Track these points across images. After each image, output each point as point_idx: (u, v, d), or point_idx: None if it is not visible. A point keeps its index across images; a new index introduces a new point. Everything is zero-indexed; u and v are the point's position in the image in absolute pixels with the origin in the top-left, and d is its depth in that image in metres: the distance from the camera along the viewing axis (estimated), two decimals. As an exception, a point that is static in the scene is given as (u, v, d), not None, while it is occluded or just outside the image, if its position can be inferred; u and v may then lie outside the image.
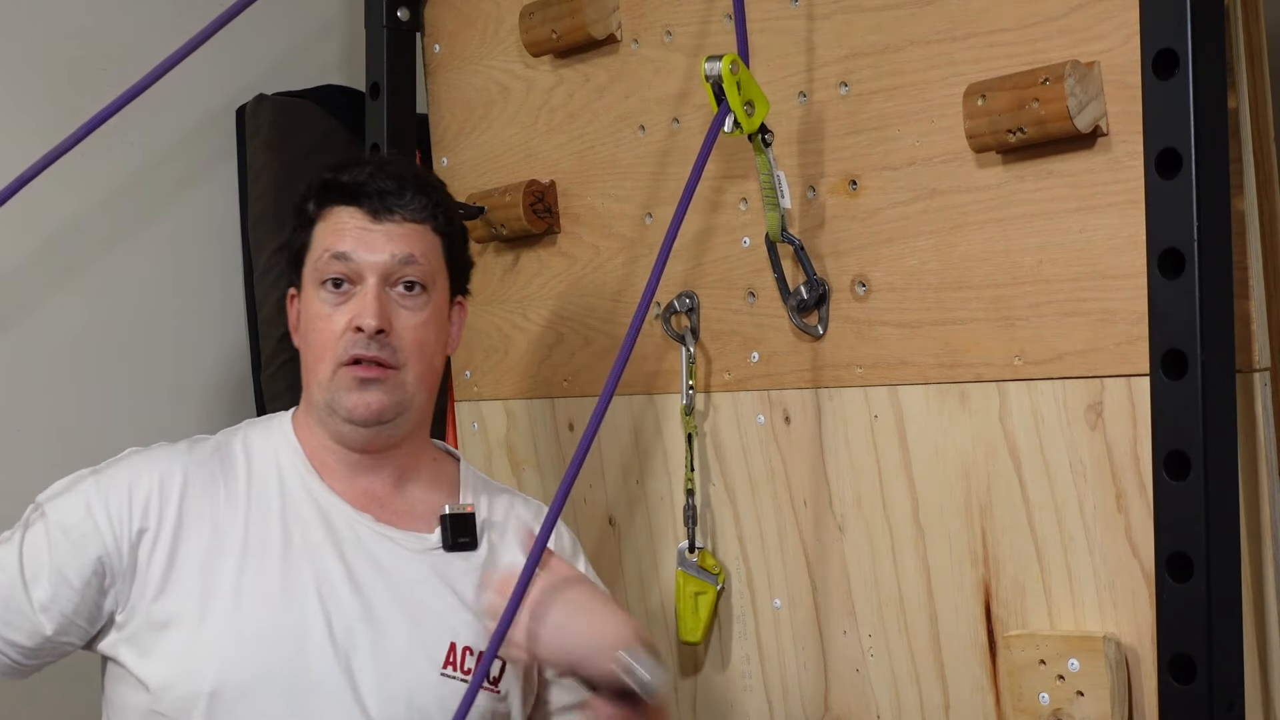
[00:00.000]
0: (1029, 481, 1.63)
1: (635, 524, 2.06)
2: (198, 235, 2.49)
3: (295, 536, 1.66)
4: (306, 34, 2.61)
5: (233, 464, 1.71)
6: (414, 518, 1.72)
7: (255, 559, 1.64)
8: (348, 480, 1.71)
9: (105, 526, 1.63)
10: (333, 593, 1.64)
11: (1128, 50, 1.51)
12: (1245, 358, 1.51)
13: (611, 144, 2.06)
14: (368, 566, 1.67)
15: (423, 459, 1.76)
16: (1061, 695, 1.57)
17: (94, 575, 1.62)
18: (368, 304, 1.65)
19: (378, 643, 1.64)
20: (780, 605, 1.89)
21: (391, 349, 1.66)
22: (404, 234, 1.68)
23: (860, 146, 1.77)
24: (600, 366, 2.08)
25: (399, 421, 1.69)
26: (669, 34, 1.98)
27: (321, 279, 1.67)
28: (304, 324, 1.71)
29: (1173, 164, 1.43)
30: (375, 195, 1.68)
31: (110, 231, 2.39)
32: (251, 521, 1.66)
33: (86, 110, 2.32)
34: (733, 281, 1.91)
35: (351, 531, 1.68)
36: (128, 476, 1.66)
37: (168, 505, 1.65)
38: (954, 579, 1.70)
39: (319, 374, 1.68)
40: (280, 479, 1.70)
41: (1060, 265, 1.59)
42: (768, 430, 1.88)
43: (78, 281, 2.36)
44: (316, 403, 1.69)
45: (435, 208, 1.71)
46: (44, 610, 1.62)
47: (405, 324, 1.67)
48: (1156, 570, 1.45)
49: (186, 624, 1.61)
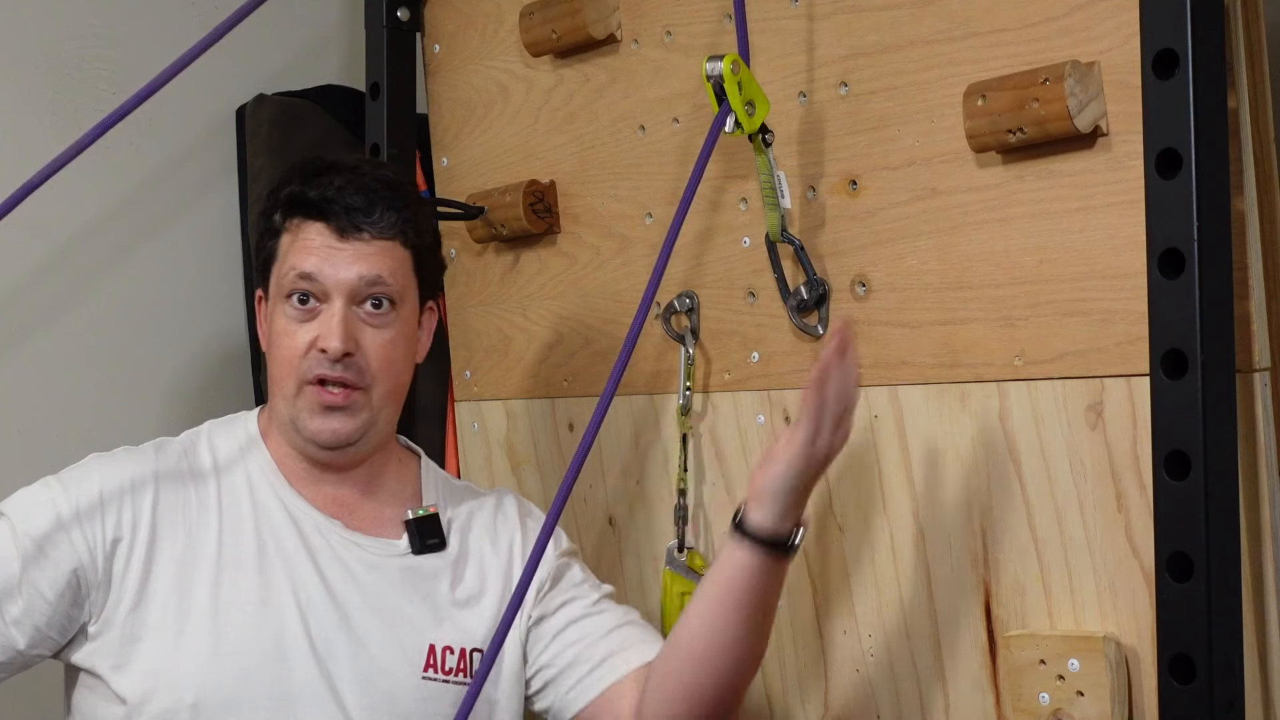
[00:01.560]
0: (1029, 481, 1.63)
1: (635, 524, 2.06)
2: (198, 235, 2.49)
3: (269, 545, 1.66)
4: (307, 34, 2.60)
5: (201, 470, 1.69)
6: (382, 523, 1.72)
7: (231, 569, 1.64)
8: (315, 487, 1.71)
9: (80, 538, 1.61)
10: (310, 602, 1.64)
11: (1128, 50, 1.51)
12: (1245, 358, 1.51)
13: (611, 144, 2.06)
14: (342, 575, 1.67)
15: (389, 464, 1.76)
16: (1061, 695, 1.57)
17: (68, 588, 1.60)
18: (333, 327, 1.63)
19: (357, 651, 1.64)
20: (780, 605, 1.88)
21: (358, 369, 1.64)
22: (371, 252, 1.65)
23: (860, 146, 1.77)
24: (600, 366, 2.07)
25: (365, 440, 1.68)
26: (669, 34, 1.98)
27: (286, 294, 1.66)
28: (270, 335, 1.70)
29: (1173, 164, 1.43)
30: (342, 212, 1.65)
31: (109, 231, 2.38)
32: (225, 530, 1.66)
33: (87, 110, 2.34)
34: (733, 281, 1.91)
35: (323, 539, 1.68)
36: (97, 484, 1.64)
37: (141, 514, 1.63)
38: (954, 579, 1.70)
39: (284, 388, 1.66)
40: (250, 485, 1.69)
41: (1060, 265, 1.59)
42: (768, 430, 1.88)
43: (76, 281, 2.36)
44: (282, 416, 1.68)
45: (405, 223, 1.68)
46: (16, 624, 1.59)
47: (372, 343, 1.65)
48: (1156, 570, 1.45)
49: (165, 636, 1.60)
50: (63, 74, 2.34)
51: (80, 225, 2.36)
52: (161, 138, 2.44)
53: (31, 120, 2.31)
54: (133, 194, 2.41)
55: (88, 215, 2.37)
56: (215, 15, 2.46)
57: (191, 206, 2.48)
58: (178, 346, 2.46)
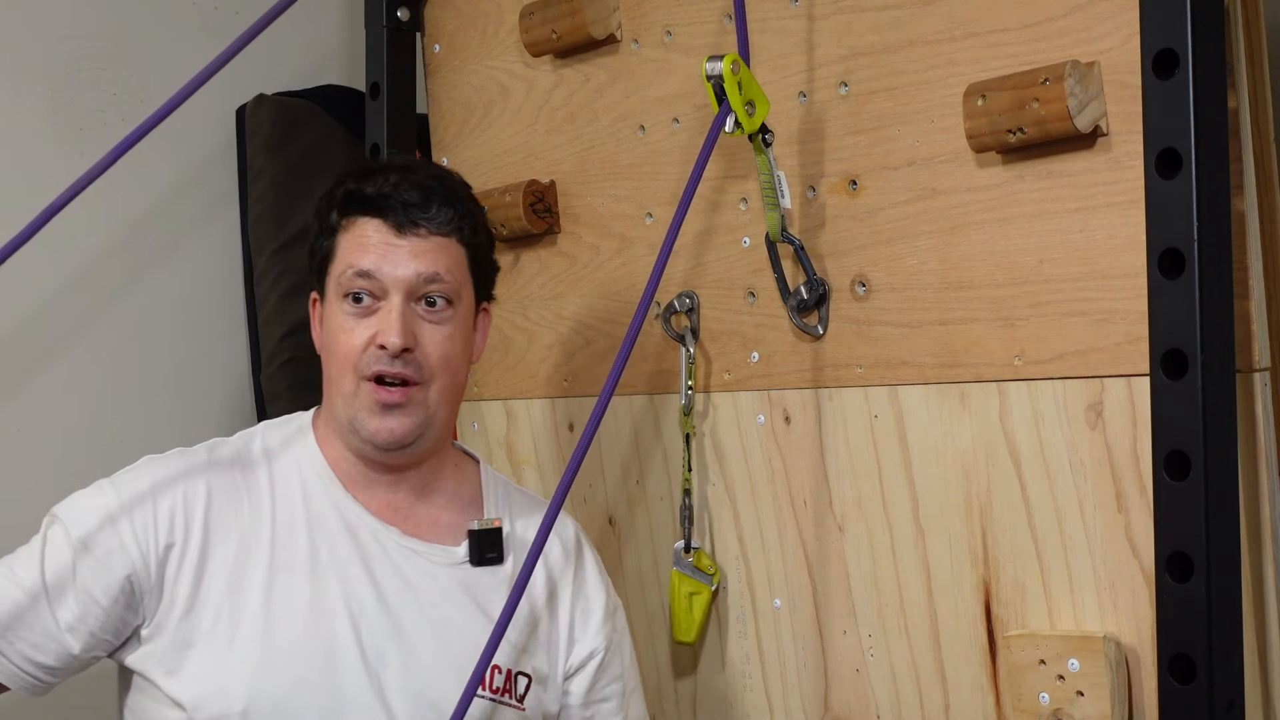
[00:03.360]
0: (1029, 481, 1.63)
1: (635, 524, 2.06)
2: (197, 236, 2.49)
3: (322, 551, 1.64)
4: (307, 34, 2.60)
5: (254, 473, 1.67)
6: (439, 529, 1.70)
7: (283, 575, 1.62)
8: (370, 491, 1.68)
9: (132, 543, 1.59)
10: (362, 610, 1.62)
11: (1128, 50, 1.51)
12: (1245, 358, 1.51)
13: (611, 144, 2.06)
14: (396, 583, 1.65)
15: (445, 468, 1.74)
16: (1061, 695, 1.57)
17: (121, 593, 1.59)
18: (392, 322, 1.61)
19: (408, 661, 1.62)
20: (780, 605, 1.89)
21: (416, 365, 1.62)
22: (429, 249, 1.64)
23: (860, 146, 1.77)
24: (600, 366, 2.07)
25: (422, 440, 1.66)
26: (669, 34, 1.98)
27: (344, 293, 1.64)
28: (326, 334, 1.67)
29: (1173, 164, 1.43)
30: (400, 208, 1.64)
31: (109, 231, 2.38)
32: (278, 535, 1.63)
33: (87, 110, 2.34)
34: (733, 281, 1.91)
35: (378, 545, 1.66)
36: (150, 489, 1.62)
37: (193, 519, 1.62)
38: (954, 579, 1.70)
39: (342, 387, 1.64)
40: (304, 490, 1.67)
41: (1060, 265, 1.59)
42: (768, 430, 1.88)
43: (75, 281, 2.36)
44: (339, 417, 1.66)
45: (461, 220, 1.66)
46: (71, 630, 1.58)
47: (430, 338, 1.63)
48: (1156, 570, 1.45)
49: (216, 642, 1.58)
50: (63, 74, 2.34)
51: (78, 225, 2.36)
52: (161, 138, 2.43)
53: (31, 120, 2.31)
54: (132, 194, 2.41)
55: (86, 215, 2.37)
56: (216, 15, 2.48)
57: (191, 207, 2.48)
58: (175, 344, 2.46)
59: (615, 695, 1.76)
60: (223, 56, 1.69)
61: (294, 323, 2.40)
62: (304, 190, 2.44)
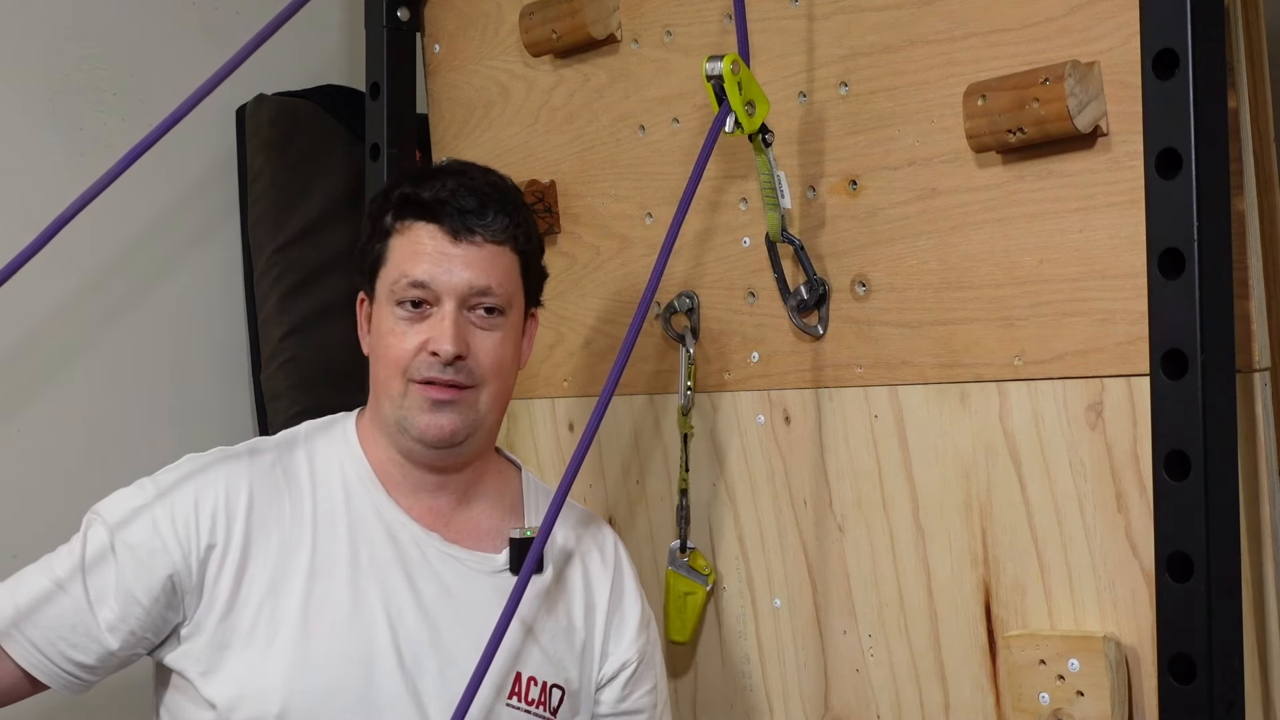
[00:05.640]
0: (1029, 481, 1.63)
1: (635, 524, 2.06)
2: (197, 235, 2.49)
3: (363, 556, 1.63)
4: (306, 34, 2.60)
5: (297, 476, 1.67)
6: (479, 536, 1.70)
7: (323, 579, 1.61)
8: (413, 496, 1.68)
9: (174, 544, 1.59)
10: (400, 616, 1.62)
11: (1128, 50, 1.51)
12: (1245, 358, 1.51)
13: (611, 144, 2.06)
14: (435, 589, 1.64)
15: (487, 473, 1.73)
16: (1061, 695, 1.57)
17: (163, 593, 1.58)
18: (445, 329, 1.60)
19: (445, 669, 1.61)
20: (780, 605, 1.89)
21: (468, 371, 1.62)
22: (484, 257, 1.63)
23: (860, 146, 1.77)
24: (600, 366, 2.08)
25: (470, 442, 1.66)
26: (669, 34, 1.98)
27: (398, 300, 1.63)
28: (375, 337, 1.66)
29: (1173, 164, 1.43)
30: (455, 214, 1.63)
31: (108, 231, 2.38)
32: (319, 539, 1.63)
33: (87, 110, 2.34)
34: (733, 281, 1.91)
35: (419, 551, 1.65)
36: (193, 489, 1.62)
37: (235, 521, 1.61)
38: (954, 579, 1.70)
39: (391, 390, 1.64)
40: (346, 492, 1.66)
41: (1060, 265, 1.59)
42: (767, 430, 1.88)
43: (74, 281, 2.36)
44: (387, 418, 1.65)
45: (515, 227, 1.66)
46: (111, 630, 1.58)
47: (482, 345, 1.63)
48: (1156, 570, 1.45)
49: (254, 644, 1.58)
50: (63, 74, 2.34)
51: (77, 225, 2.36)
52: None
53: (31, 120, 2.31)
54: (132, 194, 2.40)
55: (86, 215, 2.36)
56: (215, 15, 2.47)
57: (190, 206, 2.48)
58: (175, 344, 2.46)
59: (648, 708, 1.75)
60: (230, 64, 1.68)
61: (294, 323, 2.40)
62: (304, 190, 2.44)
